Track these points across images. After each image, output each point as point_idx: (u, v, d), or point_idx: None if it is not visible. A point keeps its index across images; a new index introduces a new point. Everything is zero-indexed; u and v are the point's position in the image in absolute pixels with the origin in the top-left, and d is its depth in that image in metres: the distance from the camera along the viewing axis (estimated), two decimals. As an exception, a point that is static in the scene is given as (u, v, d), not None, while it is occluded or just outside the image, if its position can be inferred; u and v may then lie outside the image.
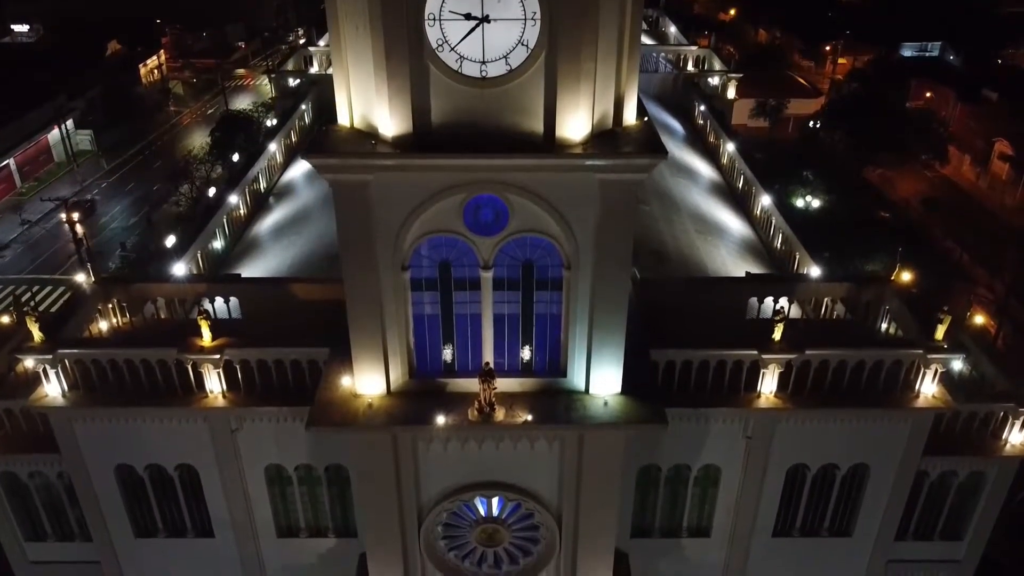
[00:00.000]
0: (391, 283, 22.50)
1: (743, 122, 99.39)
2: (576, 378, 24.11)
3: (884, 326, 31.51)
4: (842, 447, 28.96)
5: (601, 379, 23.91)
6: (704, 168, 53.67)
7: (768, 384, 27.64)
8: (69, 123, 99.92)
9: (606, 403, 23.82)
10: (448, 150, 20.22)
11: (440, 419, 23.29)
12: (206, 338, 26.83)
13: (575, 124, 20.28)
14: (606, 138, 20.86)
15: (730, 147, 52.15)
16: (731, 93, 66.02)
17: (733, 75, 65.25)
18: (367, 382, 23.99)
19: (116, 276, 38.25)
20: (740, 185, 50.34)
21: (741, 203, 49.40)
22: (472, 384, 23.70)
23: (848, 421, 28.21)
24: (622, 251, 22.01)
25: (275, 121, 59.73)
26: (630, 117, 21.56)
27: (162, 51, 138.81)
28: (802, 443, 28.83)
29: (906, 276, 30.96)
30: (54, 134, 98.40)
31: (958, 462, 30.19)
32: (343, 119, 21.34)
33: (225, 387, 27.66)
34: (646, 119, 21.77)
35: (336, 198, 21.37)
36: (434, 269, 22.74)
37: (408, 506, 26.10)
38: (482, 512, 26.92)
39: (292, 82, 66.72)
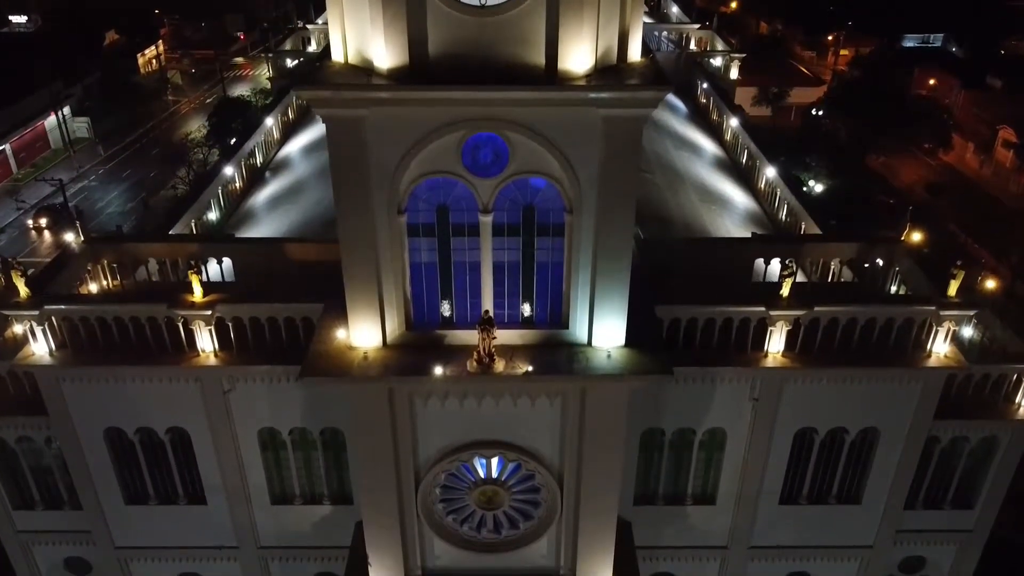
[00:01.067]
0: (387, 228, 21.71)
1: (745, 110, 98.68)
2: (578, 330, 23.31)
3: (894, 289, 30.75)
4: (851, 410, 28.17)
5: (604, 331, 23.10)
6: (707, 144, 52.93)
7: (776, 343, 26.85)
8: (66, 110, 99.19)
9: (609, 355, 23.02)
10: (446, 82, 19.43)
11: (438, 370, 22.49)
12: (197, 294, 26.03)
13: (578, 56, 19.49)
14: (610, 73, 20.06)
15: (733, 122, 51.42)
16: (734, 73, 65.35)
17: (736, 55, 64.56)
18: (362, 334, 23.18)
19: (106, 236, 37.32)
20: (744, 160, 49.58)
21: (745, 177, 48.62)
22: (471, 337, 22.90)
23: (857, 382, 27.42)
24: (626, 194, 21.22)
25: (272, 98, 58.95)
26: (635, 53, 20.73)
27: (160, 41, 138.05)
28: (810, 405, 28.04)
29: (916, 237, 30.18)
30: (51, 120, 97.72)
31: (970, 426, 29.41)
32: (337, 55, 20.53)
33: (217, 346, 26.88)
34: (651, 55, 20.98)
35: (330, 136, 20.58)
36: (432, 213, 21.96)
37: (405, 466, 25.28)
38: (481, 473, 26.11)
39: (290, 63, 66.09)
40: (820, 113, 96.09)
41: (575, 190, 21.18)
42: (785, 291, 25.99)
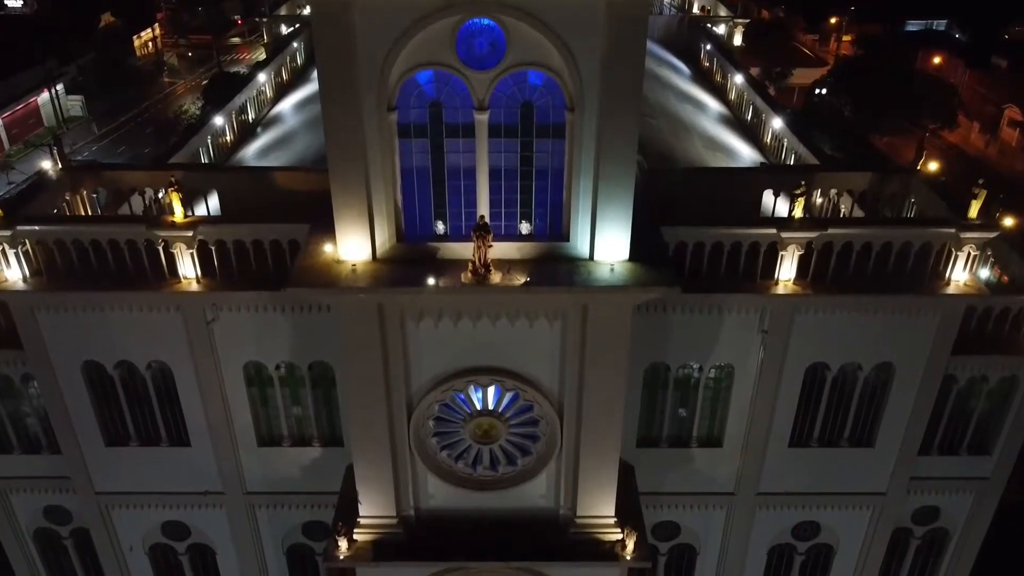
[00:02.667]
0: (376, 128, 20.42)
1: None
2: (579, 243, 22.02)
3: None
4: (865, 343, 26.83)
5: (607, 244, 21.82)
6: (712, 103, 51.65)
7: (787, 270, 25.52)
8: (60, 88, 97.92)
9: (612, 268, 21.73)
10: (439, -43, 18.18)
11: (430, 281, 21.18)
12: (178, 214, 24.72)
13: (580, -66, 18.25)
14: (614, -46, 18.79)
15: (738, 79, 50.13)
16: (737, 40, 64.13)
17: (739, 20, 63.31)
18: (351, 246, 21.88)
19: (87, 163, 35.97)
20: (750, 117, 48.26)
21: (752, 134, 47.24)
22: (466, 250, 21.60)
23: (872, 313, 26.08)
24: (631, 92, 19.93)
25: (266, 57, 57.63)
26: (639, -66, 19.43)
27: (156, 25, 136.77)
28: (822, 338, 26.70)
29: (933, 166, 28.86)
30: (44, 98, 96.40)
31: (989, 363, 28.10)
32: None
33: (199, 272, 25.58)
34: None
35: (315, 22, 19.29)
36: (424, 112, 20.67)
37: (397, 395, 23.97)
38: (477, 404, 24.80)
39: (285, 29, 64.82)
40: (823, 92, 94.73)
41: (576, 85, 19.89)
42: (797, 212, 24.69)
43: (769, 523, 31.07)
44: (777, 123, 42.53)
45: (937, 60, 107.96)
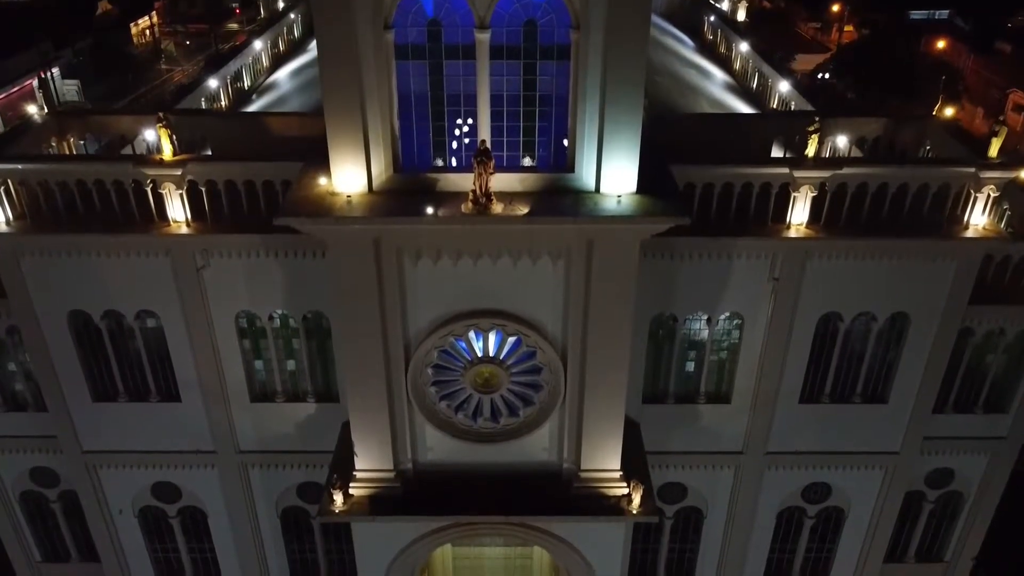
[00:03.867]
0: (372, 49, 19.48)
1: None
2: (585, 174, 21.08)
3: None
4: (879, 292, 25.87)
5: (613, 175, 20.88)
6: (717, 72, 50.72)
7: (799, 212, 24.60)
8: (56, 71, 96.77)
9: (619, 200, 20.77)
10: None
11: (428, 211, 20.22)
12: (167, 152, 23.76)
13: None
14: None
15: (743, 47, 49.19)
16: (741, 15, 63.17)
17: (742, -4, 62.38)
18: (345, 177, 20.92)
19: (74, 107, 34.96)
20: (755, 85, 47.30)
21: (759, 102, 46.26)
22: (466, 181, 20.66)
23: (887, 259, 25.09)
24: (640, 5, 18.97)
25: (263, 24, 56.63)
26: None
27: (154, 12, 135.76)
28: (835, 287, 25.74)
29: (949, 111, 27.91)
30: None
31: (1006, 314, 27.18)
32: None
33: (190, 215, 24.64)
34: None
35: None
36: (422, 31, 19.73)
37: (394, 339, 23.01)
38: (478, 351, 23.85)
39: (282, 2, 63.75)
40: (827, 76, 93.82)
41: (582, 1, 18.93)
42: (810, 150, 23.75)
43: (778, 484, 30.11)
44: (784, 86, 41.62)
45: (941, 44, 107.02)
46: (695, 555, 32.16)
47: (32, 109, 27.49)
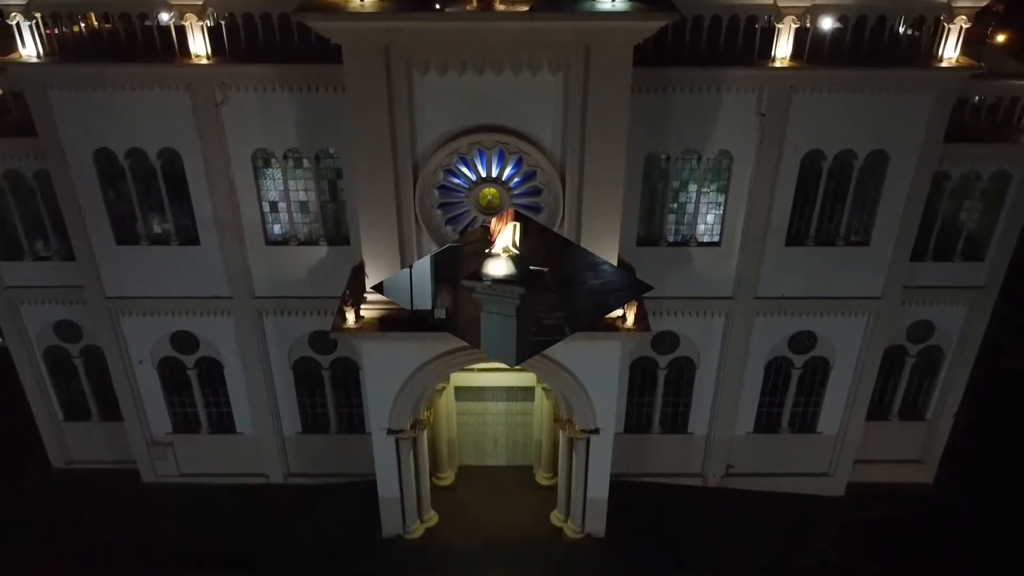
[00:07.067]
0: None
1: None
2: (581, -18, 22.63)
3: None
4: (860, 128, 27.40)
5: (608, -18, 22.42)
6: None
7: (783, 46, 26.19)
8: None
9: (613, 3, 22.32)
10: None
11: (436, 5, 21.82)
12: (188, -16, 25.34)
13: None
14: None
15: None
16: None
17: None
18: (358, -16, 22.45)
19: None
20: None
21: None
22: (470, -10, 22.22)
23: (867, 93, 26.65)
24: None
25: None
26: None
27: None
28: (818, 123, 27.27)
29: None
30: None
31: (981, 155, 28.74)
32: None
33: (209, 49, 26.23)
34: None
35: None
36: None
37: (403, 155, 24.46)
38: (481, 171, 25.38)
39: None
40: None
41: None
42: (793, -20, 25.31)
43: (767, 333, 31.66)
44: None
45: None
46: (688, 408, 33.70)
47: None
